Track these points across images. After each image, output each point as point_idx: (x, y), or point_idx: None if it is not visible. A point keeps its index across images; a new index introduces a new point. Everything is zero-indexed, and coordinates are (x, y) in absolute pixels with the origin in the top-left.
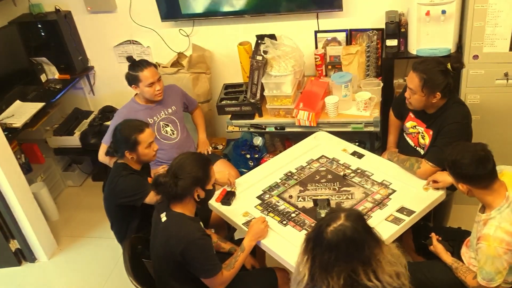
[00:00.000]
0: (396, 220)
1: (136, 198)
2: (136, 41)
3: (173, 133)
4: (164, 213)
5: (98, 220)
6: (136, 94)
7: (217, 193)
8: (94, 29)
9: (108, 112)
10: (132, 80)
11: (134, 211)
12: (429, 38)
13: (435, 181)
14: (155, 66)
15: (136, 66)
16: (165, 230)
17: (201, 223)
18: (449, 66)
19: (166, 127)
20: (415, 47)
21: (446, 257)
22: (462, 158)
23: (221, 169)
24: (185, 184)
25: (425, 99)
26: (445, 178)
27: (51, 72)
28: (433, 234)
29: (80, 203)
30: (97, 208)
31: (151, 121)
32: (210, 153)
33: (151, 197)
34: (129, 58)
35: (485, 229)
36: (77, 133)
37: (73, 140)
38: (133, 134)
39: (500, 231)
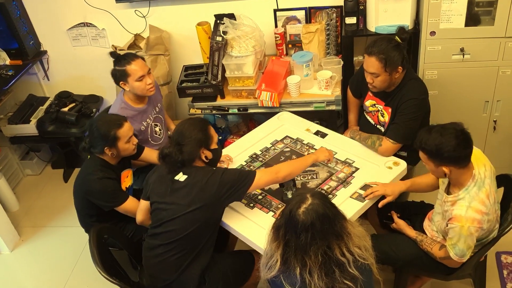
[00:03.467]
0: (360, 197)
1: (106, 205)
2: (90, 24)
3: (161, 133)
4: (181, 173)
5: (60, 209)
6: (125, 94)
7: None
8: (46, 12)
9: (64, 97)
10: (120, 76)
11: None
12: (387, 15)
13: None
14: (143, 58)
15: (122, 59)
16: (193, 186)
17: None
18: (397, 39)
19: (155, 127)
20: (373, 24)
21: (410, 231)
22: (447, 141)
23: None
24: (189, 149)
25: (389, 78)
26: (394, 189)
27: (2, 58)
28: (393, 212)
29: (40, 192)
30: (58, 197)
31: (145, 124)
32: None
33: (127, 206)
34: (113, 54)
35: (456, 210)
36: (34, 121)
37: (30, 128)
38: (112, 130)
39: (471, 211)
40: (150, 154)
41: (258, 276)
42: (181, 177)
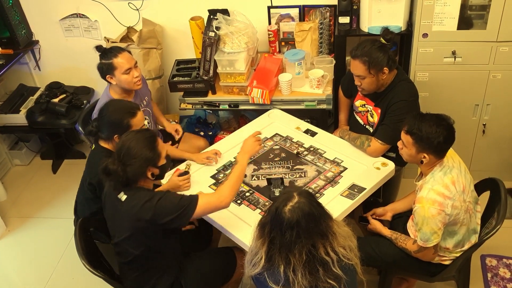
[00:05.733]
0: (350, 195)
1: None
2: (83, 15)
3: (149, 126)
4: (122, 192)
5: (47, 200)
6: (111, 88)
7: (170, 173)
8: (38, 1)
9: (55, 88)
10: (106, 69)
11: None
12: (380, 16)
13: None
14: (129, 51)
15: (108, 52)
16: (129, 210)
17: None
18: (382, 40)
19: (144, 120)
20: (366, 24)
21: (385, 230)
22: (440, 132)
23: (189, 142)
24: (134, 169)
25: (376, 79)
26: (381, 228)
27: None
28: (367, 214)
29: (28, 182)
30: (46, 188)
31: None
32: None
33: None
34: (99, 48)
35: (419, 193)
36: (23, 111)
37: (19, 118)
38: (125, 119)
39: (432, 193)
40: (170, 150)
41: (241, 273)
42: (122, 196)
